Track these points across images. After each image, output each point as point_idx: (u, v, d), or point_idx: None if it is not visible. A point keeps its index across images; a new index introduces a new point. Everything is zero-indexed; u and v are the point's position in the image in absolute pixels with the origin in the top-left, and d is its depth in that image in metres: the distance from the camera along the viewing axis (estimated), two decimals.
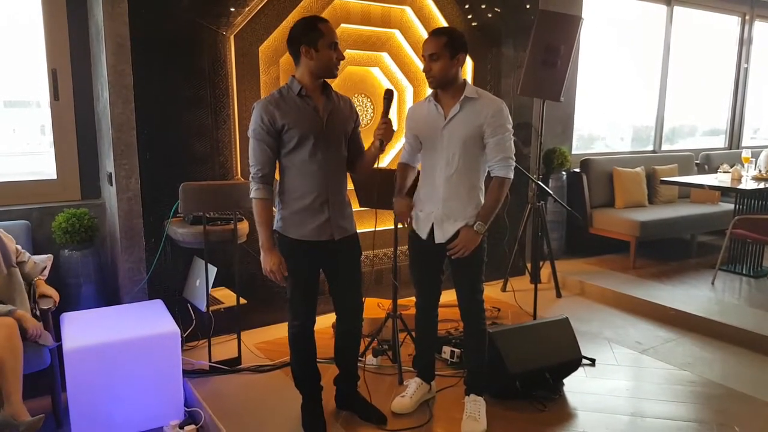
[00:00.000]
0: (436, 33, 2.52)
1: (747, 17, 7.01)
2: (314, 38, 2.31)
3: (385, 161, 4.09)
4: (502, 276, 4.69)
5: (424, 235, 2.64)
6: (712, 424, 2.74)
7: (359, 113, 2.44)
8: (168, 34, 3.26)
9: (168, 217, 3.27)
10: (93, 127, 3.43)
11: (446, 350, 3.28)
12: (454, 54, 2.48)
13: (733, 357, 3.56)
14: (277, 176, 2.45)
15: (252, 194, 2.37)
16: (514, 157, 2.57)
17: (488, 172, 2.61)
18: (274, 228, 2.45)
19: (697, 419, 2.78)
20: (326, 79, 2.45)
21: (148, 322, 2.86)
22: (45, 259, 3.00)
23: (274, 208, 2.46)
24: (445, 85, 2.53)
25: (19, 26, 3.28)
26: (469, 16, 4.37)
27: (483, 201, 2.59)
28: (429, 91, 2.64)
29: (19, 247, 2.87)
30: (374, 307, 3.72)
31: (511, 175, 2.56)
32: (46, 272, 2.96)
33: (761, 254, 4.97)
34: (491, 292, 4.55)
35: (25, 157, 3.54)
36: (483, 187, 2.63)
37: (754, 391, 3.07)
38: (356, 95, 3.99)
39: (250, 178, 2.38)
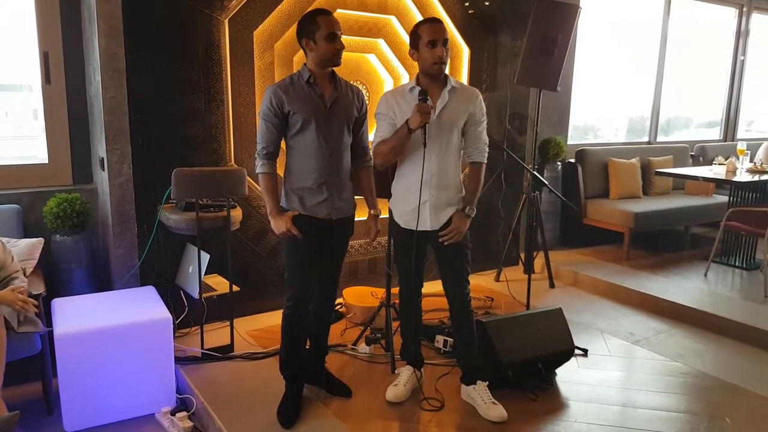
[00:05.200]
0: (437, 20, 2.54)
1: (744, 9, 6.99)
2: (313, 31, 2.44)
3: None
4: (495, 266, 4.69)
5: (415, 225, 2.62)
6: (703, 416, 2.75)
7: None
8: (161, 17, 3.22)
9: (160, 203, 3.25)
10: (85, 111, 3.39)
11: (439, 339, 3.28)
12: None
13: (725, 349, 3.57)
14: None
15: (258, 169, 2.53)
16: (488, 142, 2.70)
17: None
18: (280, 204, 2.59)
19: (688, 410, 2.80)
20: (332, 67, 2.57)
21: (140, 308, 2.85)
22: (35, 243, 2.97)
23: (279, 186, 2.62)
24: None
25: (11, 8, 3.23)
26: (467, 4, 4.33)
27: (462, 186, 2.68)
28: (405, 80, 2.64)
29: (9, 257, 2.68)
30: (368, 296, 3.71)
31: (486, 160, 2.68)
32: (34, 260, 2.90)
33: (754, 246, 4.99)
34: (485, 281, 4.56)
35: (17, 141, 3.49)
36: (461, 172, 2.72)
37: (745, 383, 3.08)
38: (352, 82, 3.94)
39: (256, 155, 2.55)
